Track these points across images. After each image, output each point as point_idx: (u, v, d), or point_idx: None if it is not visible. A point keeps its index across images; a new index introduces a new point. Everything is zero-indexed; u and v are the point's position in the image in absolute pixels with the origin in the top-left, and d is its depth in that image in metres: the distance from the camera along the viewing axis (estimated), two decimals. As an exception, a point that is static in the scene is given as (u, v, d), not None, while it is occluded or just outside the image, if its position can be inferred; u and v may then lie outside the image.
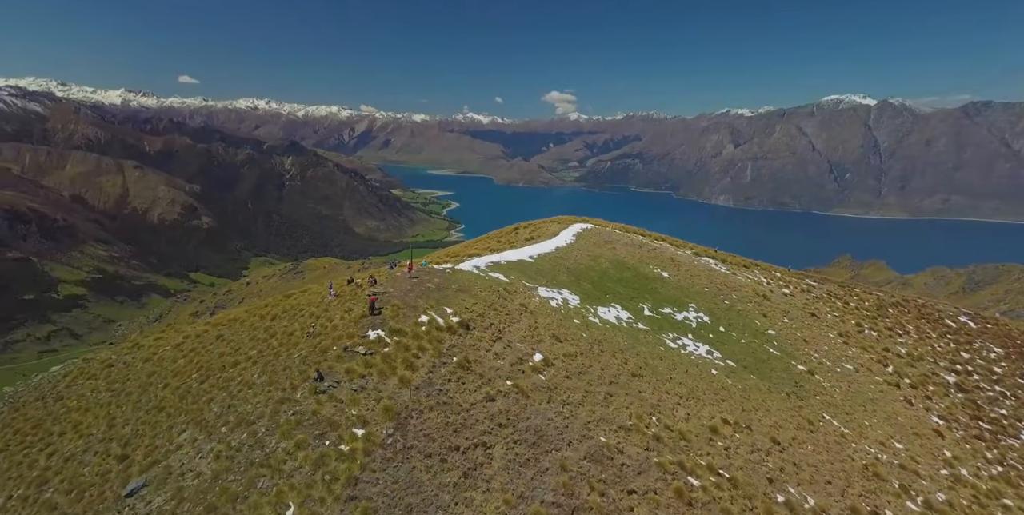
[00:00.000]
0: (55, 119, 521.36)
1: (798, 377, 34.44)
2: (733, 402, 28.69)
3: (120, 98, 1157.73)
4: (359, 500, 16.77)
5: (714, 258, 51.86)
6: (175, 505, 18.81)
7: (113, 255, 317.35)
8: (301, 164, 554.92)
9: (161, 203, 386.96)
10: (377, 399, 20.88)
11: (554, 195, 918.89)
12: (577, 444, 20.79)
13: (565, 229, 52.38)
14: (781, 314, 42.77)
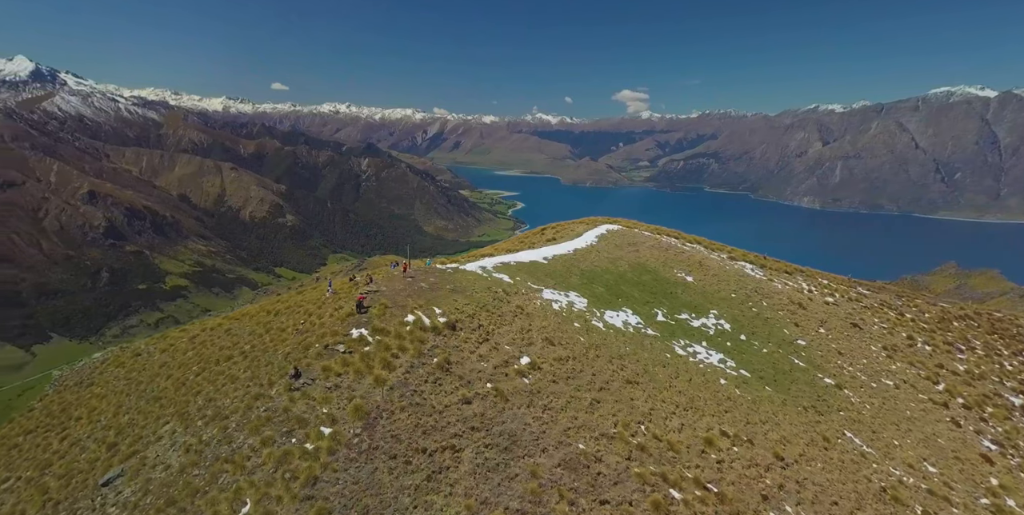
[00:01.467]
0: (168, 125, 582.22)
1: (822, 391, 32.96)
2: (737, 414, 27.74)
3: (221, 105, 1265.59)
4: (316, 500, 16.73)
5: (752, 263, 50.10)
6: (140, 497, 19.19)
7: (211, 250, 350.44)
8: (376, 165, 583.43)
9: (252, 202, 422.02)
10: (350, 398, 20.72)
11: (621, 195, 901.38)
12: (552, 450, 20.34)
13: (590, 230, 51.57)
14: (817, 324, 40.97)
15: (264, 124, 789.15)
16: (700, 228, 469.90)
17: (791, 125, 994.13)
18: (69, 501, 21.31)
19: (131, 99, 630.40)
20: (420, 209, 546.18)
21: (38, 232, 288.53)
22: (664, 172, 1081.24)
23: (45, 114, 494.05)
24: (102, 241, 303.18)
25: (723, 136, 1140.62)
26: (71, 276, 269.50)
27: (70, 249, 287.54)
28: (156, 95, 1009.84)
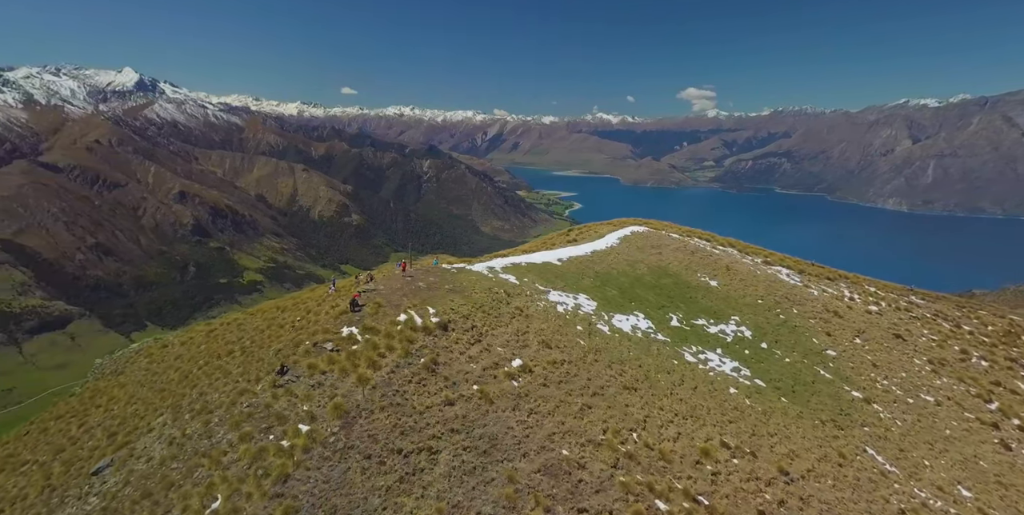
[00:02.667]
0: (249, 129, 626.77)
1: (847, 404, 31.49)
2: (743, 424, 26.76)
3: (296, 109, 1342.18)
4: (285, 497, 16.67)
5: (790, 268, 48.26)
6: (120, 488, 19.64)
7: (283, 247, 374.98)
8: (437, 167, 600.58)
9: (321, 202, 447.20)
10: (331, 396, 20.58)
11: (683, 196, 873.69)
12: (534, 455, 19.95)
13: (614, 232, 50.69)
14: (852, 333, 39.15)
15: (334, 127, 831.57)
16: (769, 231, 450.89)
17: (876, 122, 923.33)
18: (63, 488, 22.15)
19: (218, 105, 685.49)
20: (478, 209, 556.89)
21: (137, 229, 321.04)
22: (730, 172, 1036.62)
23: (146, 120, 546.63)
24: (190, 238, 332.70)
25: (797, 134, 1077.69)
26: (164, 270, 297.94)
27: (163, 245, 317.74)
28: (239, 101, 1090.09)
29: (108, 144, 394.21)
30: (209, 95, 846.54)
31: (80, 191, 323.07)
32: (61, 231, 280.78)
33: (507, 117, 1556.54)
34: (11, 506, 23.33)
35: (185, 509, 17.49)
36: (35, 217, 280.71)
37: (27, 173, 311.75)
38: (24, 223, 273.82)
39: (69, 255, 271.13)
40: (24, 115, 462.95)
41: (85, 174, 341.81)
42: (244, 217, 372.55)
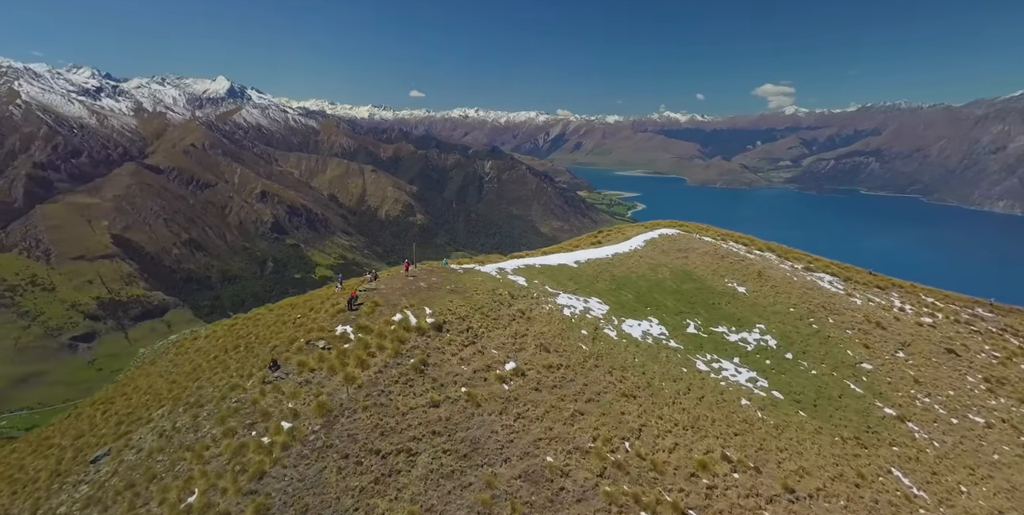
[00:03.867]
0: (323, 132, 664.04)
1: (876, 421, 29.67)
2: (750, 438, 25.60)
3: (367, 113, 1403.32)
4: (258, 494, 16.73)
5: (835, 275, 45.88)
6: (109, 477, 20.18)
7: (352, 245, 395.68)
8: (498, 167, 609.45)
9: (388, 202, 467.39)
10: (317, 394, 20.67)
11: (755, 197, 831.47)
12: (516, 461, 19.55)
13: (641, 234, 49.55)
14: (895, 346, 36.86)
15: (401, 129, 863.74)
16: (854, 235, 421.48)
17: (984, 117, 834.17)
18: (66, 474, 22.97)
19: (297, 110, 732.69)
20: (537, 210, 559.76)
21: (224, 226, 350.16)
22: (809, 172, 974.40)
23: (234, 125, 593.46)
24: (269, 235, 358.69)
25: (888, 131, 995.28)
26: (246, 264, 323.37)
27: (246, 241, 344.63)
28: (316, 105, 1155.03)
29: (202, 147, 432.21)
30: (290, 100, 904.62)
31: (177, 191, 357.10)
32: (161, 227, 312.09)
33: (570, 117, 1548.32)
34: (23, 488, 24.59)
35: (162, 502, 17.88)
36: (140, 214, 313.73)
37: (134, 174, 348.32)
38: (131, 220, 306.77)
39: (167, 249, 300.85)
40: (134, 121, 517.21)
41: (182, 175, 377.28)
42: (317, 216, 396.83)
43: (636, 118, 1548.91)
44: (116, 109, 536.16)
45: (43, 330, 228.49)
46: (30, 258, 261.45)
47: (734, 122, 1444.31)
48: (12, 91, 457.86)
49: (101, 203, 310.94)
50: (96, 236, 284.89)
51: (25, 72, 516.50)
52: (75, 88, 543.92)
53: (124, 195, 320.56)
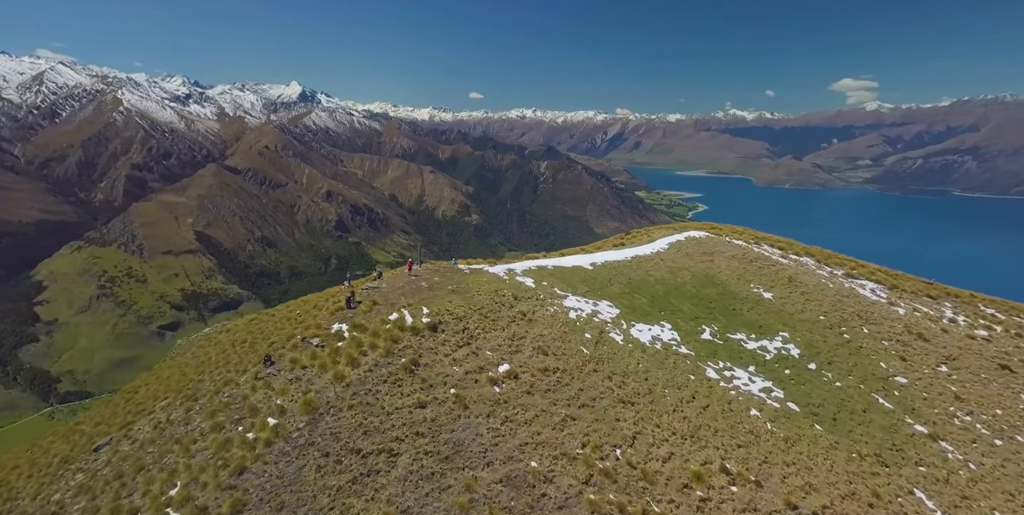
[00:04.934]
0: (386, 134, 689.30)
1: (904, 439, 27.77)
2: (755, 450, 24.52)
3: (428, 115, 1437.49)
4: (236, 490, 16.84)
5: (879, 283, 43.20)
6: (103, 466, 20.79)
7: (410, 243, 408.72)
8: (554, 168, 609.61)
9: (445, 202, 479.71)
10: (305, 391, 20.70)
11: (830, 198, 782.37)
12: (498, 465, 19.15)
13: (667, 237, 48.22)
14: (937, 360, 34.40)
15: (460, 131, 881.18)
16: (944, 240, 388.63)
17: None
18: (72, 461, 23.91)
19: (362, 112, 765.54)
20: (592, 210, 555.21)
21: (292, 224, 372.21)
22: (892, 172, 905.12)
23: (304, 128, 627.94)
24: (333, 233, 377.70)
25: (988, 127, 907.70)
26: (311, 261, 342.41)
27: (312, 239, 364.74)
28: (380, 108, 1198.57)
29: (274, 149, 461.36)
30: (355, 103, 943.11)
31: (252, 190, 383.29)
32: (237, 225, 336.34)
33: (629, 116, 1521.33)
34: (38, 472, 25.72)
35: (145, 493, 18.23)
36: (220, 212, 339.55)
37: (216, 175, 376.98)
38: (212, 217, 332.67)
39: (242, 246, 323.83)
40: (217, 125, 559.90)
41: (256, 175, 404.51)
42: (378, 215, 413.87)
43: (699, 116, 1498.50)
44: (202, 114, 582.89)
45: (136, 318, 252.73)
46: (127, 252, 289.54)
47: (807, 119, 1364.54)
48: (116, 99, 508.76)
49: (186, 202, 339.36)
50: (182, 232, 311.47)
51: (127, 82, 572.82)
52: (168, 95, 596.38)
53: (206, 194, 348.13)
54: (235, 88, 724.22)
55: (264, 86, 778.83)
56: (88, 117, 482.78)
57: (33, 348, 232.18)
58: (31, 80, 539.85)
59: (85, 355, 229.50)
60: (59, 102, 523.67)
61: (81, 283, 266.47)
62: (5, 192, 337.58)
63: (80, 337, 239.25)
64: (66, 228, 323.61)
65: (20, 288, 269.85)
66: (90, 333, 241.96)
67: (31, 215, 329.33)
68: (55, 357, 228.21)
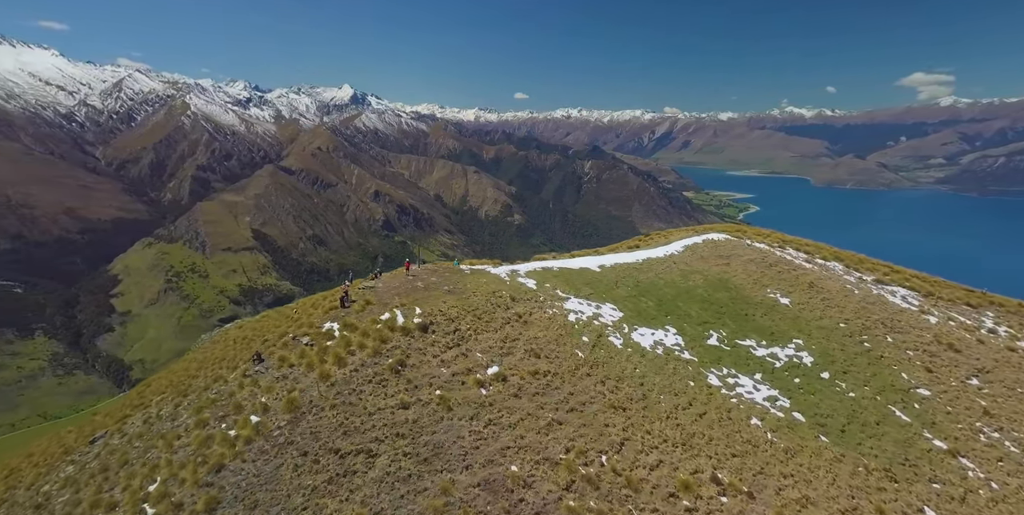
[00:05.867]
0: (432, 135, 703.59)
1: (918, 454, 26.30)
2: (751, 460, 23.67)
3: (474, 115, 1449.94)
4: (212, 487, 16.88)
5: (913, 289, 40.85)
6: (91, 459, 21.13)
7: (454, 243, 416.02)
8: (598, 167, 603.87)
9: (488, 202, 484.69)
10: (290, 390, 20.73)
11: (897, 200, 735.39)
12: (478, 468, 18.93)
13: (684, 239, 47.01)
14: (968, 372, 32.25)
15: (504, 131, 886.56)
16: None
17: None
18: (70, 453, 24.40)
19: (410, 114, 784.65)
20: (638, 210, 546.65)
21: (342, 223, 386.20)
22: (969, 171, 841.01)
23: (355, 129, 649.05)
24: (380, 232, 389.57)
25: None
26: (359, 259, 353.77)
27: (360, 237, 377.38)
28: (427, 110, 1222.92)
29: (326, 150, 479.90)
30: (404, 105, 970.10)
31: (305, 190, 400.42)
32: (290, 223, 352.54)
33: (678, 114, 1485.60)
34: (43, 461, 26.56)
35: (126, 488, 18.45)
36: (274, 212, 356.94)
37: (272, 175, 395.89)
38: (267, 216, 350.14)
39: (294, 243, 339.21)
40: (273, 128, 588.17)
41: (309, 176, 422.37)
42: (423, 215, 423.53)
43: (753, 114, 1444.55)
44: (260, 117, 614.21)
45: (199, 312, 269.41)
46: (191, 249, 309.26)
47: (872, 116, 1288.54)
48: (184, 104, 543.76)
49: (245, 201, 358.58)
50: (240, 230, 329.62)
51: (195, 87, 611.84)
52: (230, 99, 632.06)
53: (263, 194, 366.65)
54: (291, 92, 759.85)
55: (318, 89, 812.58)
56: (160, 121, 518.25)
57: (109, 337, 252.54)
58: (112, 87, 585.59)
59: (153, 345, 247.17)
60: (135, 107, 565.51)
61: (151, 277, 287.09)
62: (88, 192, 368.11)
63: (149, 328, 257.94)
64: (139, 225, 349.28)
65: (99, 281, 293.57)
66: (158, 324, 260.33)
67: (109, 213, 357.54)
68: (128, 346, 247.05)
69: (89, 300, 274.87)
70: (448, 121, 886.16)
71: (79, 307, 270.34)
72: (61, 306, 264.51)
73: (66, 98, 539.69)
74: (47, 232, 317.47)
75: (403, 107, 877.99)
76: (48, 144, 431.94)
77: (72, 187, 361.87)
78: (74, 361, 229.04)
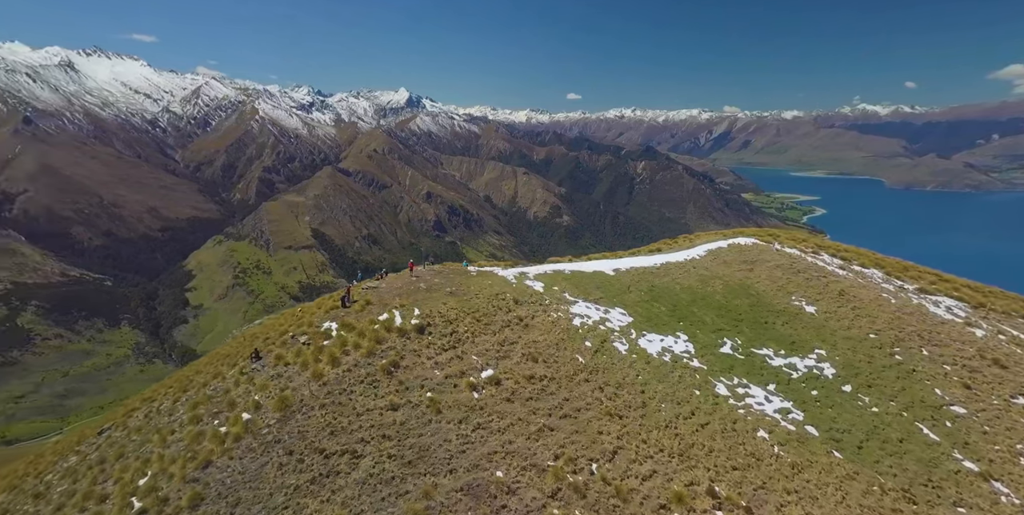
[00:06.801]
0: (484, 137, 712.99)
1: (945, 475, 24.48)
2: (753, 474, 22.58)
3: (525, 117, 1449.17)
4: (197, 483, 16.97)
5: (961, 300, 37.88)
6: (93, 450, 21.69)
7: (502, 244, 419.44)
8: (652, 168, 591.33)
9: (537, 203, 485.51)
10: (283, 388, 20.76)
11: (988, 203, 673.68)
12: (462, 473, 18.65)
13: (709, 243, 45.39)
14: (1013, 390, 29.65)
15: (555, 132, 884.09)
16: None
17: None
18: (79, 443, 25.17)
19: (463, 116, 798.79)
20: (693, 212, 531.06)
21: (395, 224, 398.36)
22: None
23: (409, 132, 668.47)
24: (431, 232, 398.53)
25: None
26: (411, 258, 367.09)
27: (412, 238, 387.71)
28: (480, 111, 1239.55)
29: (382, 152, 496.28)
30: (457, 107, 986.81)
31: (361, 191, 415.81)
32: (347, 223, 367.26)
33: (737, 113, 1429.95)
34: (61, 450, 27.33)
35: (117, 481, 18.69)
36: (332, 212, 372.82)
37: (331, 177, 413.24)
38: (325, 216, 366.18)
39: (350, 243, 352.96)
40: (333, 131, 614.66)
41: (365, 177, 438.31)
42: (473, 215, 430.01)
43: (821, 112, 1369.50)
44: (321, 120, 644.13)
45: (262, 307, 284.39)
46: (256, 246, 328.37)
47: (958, 112, 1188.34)
48: (253, 109, 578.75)
49: (305, 201, 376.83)
50: (300, 230, 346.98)
51: (263, 93, 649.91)
52: (295, 104, 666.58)
53: (322, 194, 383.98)
54: (351, 96, 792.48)
55: (376, 93, 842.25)
56: (231, 126, 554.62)
57: (184, 329, 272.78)
58: (191, 94, 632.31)
59: (221, 338, 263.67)
60: (210, 112, 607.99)
61: (220, 273, 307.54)
62: (168, 192, 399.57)
63: (218, 321, 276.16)
64: (211, 224, 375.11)
65: (176, 276, 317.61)
66: (226, 318, 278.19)
67: (186, 212, 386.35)
68: (200, 338, 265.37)
69: (167, 293, 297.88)
70: (500, 123, 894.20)
71: (158, 300, 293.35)
72: (144, 299, 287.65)
73: (151, 105, 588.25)
74: (133, 230, 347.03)
75: (456, 109, 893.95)
76: (135, 148, 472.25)
77: (155, 188, 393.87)
78: (154, 350, 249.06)
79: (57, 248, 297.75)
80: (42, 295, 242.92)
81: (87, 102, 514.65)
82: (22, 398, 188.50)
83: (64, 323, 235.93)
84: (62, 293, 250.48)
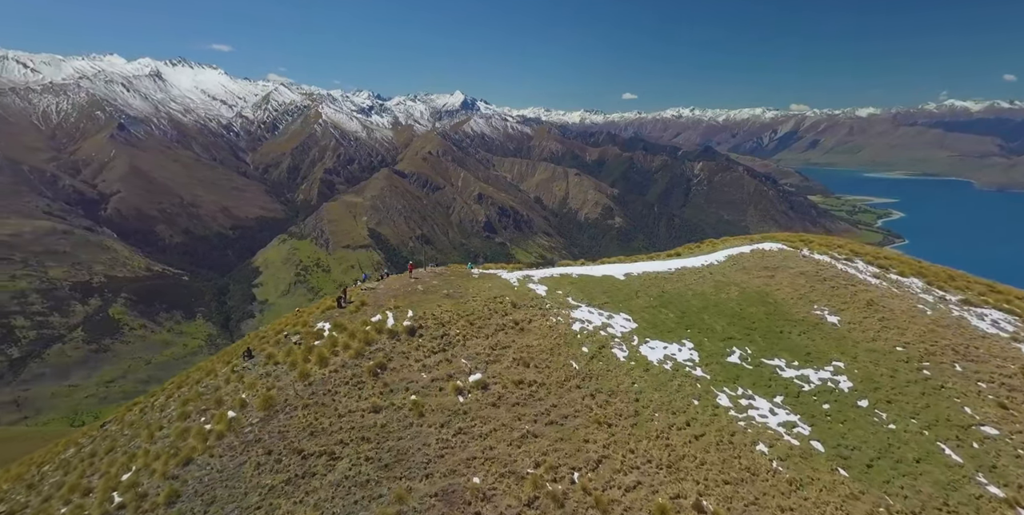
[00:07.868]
0: (536, 138, 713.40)
1: (964, 499, 22.64)
2: (745, 489, 21.52)
3: (579, 118, 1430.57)
4: (176, 480, 17.08)
5: (1009, 314, 34.77)
6: (89, 441, 22.11)
7: (552, 245, 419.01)
8: (710, 169, 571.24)
9: (588, 204, 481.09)
10: (270, 387, 20.84)
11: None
12: (438, 478, 18.46)
13: (729, 248, 43.66)
14: None
15: (609, 132, 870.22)
16: None
17: None
18: (81, 436, 25.76)
19: (516, 118, 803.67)
20: (753, 215, 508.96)
21: (447, 224, 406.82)
22: None
23: (463, 134, 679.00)
24: (481, 233, 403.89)
25: None
26: (461, 259, 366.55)
27: (463, 238, 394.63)
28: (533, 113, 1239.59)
29: (436, 154, 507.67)
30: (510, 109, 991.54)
31: (415, 192, 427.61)
32: (402, 224, 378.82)
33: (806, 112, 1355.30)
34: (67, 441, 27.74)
35: (103, 475, 18.91)
36: (388, 212, 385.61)
37: (387, 178, 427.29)
38: (382, 216, 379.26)
39: (404, 242, 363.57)
40: (391, 133, 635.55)
41: (419, 179, 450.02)
42: (523, 217, 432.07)
43: (900, 109, 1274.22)
44: (380, 124, 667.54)
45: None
46: (316, 245, 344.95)
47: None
48: (316, 113, 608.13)
49: (363, 202, 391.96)
50: (358, 229, 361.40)
51: (326, 97, 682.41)
52: (355, 107, 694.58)
53: (379, 195, 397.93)
54: (408, 99, 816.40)
55: (432, 96, 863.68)
56: (296, 129, 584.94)
57: (251, 323, 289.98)
58: (261, 100, 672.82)
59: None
60: (278, 117, 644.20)
61: (284, 270, 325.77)
62: (239, 193, 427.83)
63: (281, 316, 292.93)
64: (277, 223, 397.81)
65: (244, 272, 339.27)
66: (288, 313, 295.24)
67: (255, 212, 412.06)
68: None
69: (236, 289, 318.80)
70: (553, 124, 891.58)
71: (229, 294, 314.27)
72: (216, 293, 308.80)
73: (226, 111, 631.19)
74: (208, 228, 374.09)
75: (509, 111, 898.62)
76: (212, 151, 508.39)
77: (227, 189, 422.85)
78: (224, 342, 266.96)
79: (142, 244, 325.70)
80: (130, 288, 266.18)
81: (171, 109, 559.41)
82: (112, 383, 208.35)
83: (148, 314, 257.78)
84: (147, 287, 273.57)
